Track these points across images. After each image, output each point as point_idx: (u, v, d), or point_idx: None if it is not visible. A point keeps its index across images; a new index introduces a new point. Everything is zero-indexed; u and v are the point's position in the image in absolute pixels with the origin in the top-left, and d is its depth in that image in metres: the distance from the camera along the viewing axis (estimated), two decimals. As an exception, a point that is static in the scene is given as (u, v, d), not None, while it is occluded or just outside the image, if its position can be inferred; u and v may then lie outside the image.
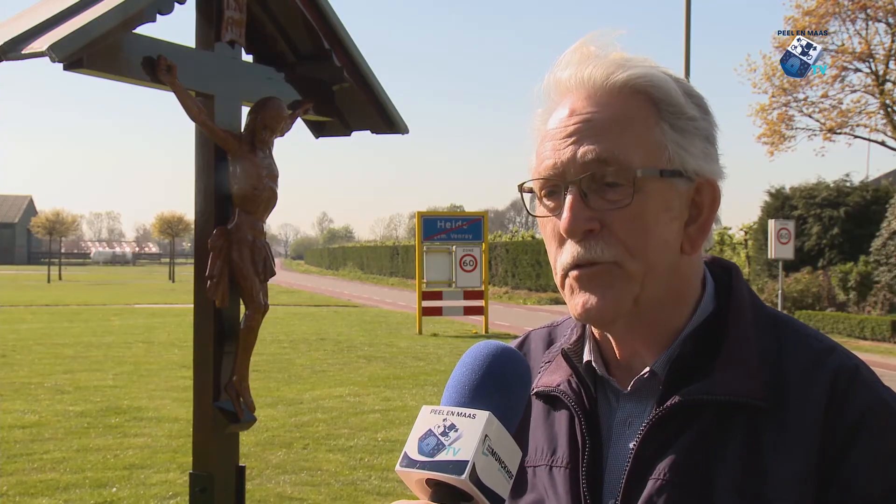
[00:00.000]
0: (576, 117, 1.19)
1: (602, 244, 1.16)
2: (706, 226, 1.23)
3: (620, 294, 1.17)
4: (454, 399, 1.07)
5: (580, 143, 1.17)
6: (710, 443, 1.14)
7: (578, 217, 1.16)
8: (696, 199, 1.22)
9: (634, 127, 1.18)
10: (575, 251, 1.18)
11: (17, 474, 7.55)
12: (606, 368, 1.28)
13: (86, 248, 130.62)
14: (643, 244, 1.17)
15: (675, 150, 1.18)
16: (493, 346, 1.12)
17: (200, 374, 3.86)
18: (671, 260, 1.20)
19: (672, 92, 1.20)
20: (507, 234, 52.01)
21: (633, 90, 1.19)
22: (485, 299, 20.87)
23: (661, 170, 1.17)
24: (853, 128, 29.11)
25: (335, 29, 4.19)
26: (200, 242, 3.81)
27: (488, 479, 1.00)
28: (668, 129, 1.19)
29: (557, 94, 1.24)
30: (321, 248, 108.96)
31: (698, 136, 1.21)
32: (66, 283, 48.29)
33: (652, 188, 1.17)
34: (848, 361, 1.17)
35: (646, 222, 1.17)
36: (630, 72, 1.19)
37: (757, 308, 1.25)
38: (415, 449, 1.02)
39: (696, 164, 1.20)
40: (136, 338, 18.66)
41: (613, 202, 1.16)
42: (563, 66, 1.23)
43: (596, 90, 1.20)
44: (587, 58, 1.22)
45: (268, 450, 8.48)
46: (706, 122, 1.23)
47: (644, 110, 1.19)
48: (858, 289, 22.29)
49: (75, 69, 3.25)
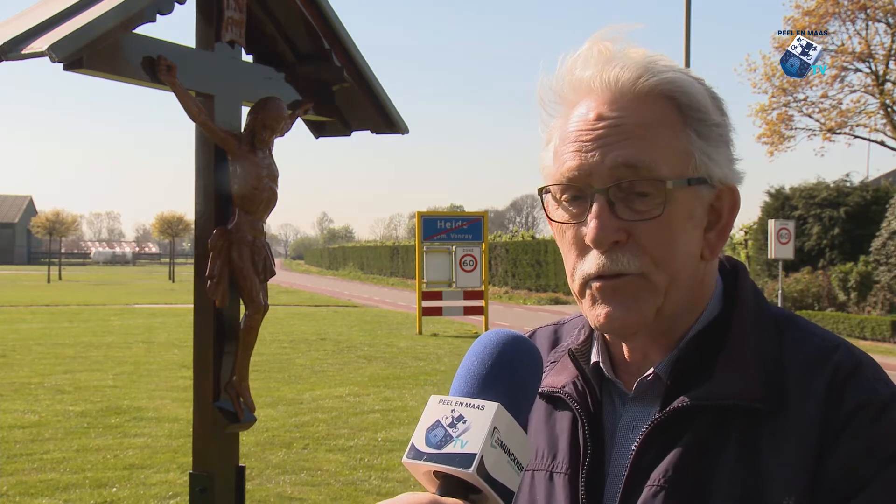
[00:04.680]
0: (604, 121, 1.15)
1: (629, 256, 1.14)
2: (725, 231, 1.21)
3: (645, 307, 1.15)
4: (463, 389, 1.04)
5: (608, 149, 1.14)
6: (706, 447, 1.13)
7: (606, 227, 1.12)
8: (716, 204, 1.20)
9: (663, 134, 1.15)
10: (600, 262, 1.14)
11: (17, 474, 7.55)
12: (614, 370, 1.26)
13: (86, 248, 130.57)
14: (670, 255, 1.14)
15: (700, 158, 1.16)
16: (503, 334, 1.08)
17: (200, 374, 3.86)
18: (692, 268, 1.18)
19: (700, 98, 1.17)
20: (507, 234, 52.04)
21: (661, 95, 1.16)
22: (485, 299, 20.85)
23: (689, 178, 1.15)
24: (853, 128, 29.13)
25: (335, 29, 4.19)
26: (200, 242, 3.80)
27: (497, 472, 0.97)
28: (694, 137, 1.16)
29: (576, 94, 1.20)
30: (321, 249, 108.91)
31: (722, 142, 1.19)
32: (66, 283, 48.27)
33: (679, 197, 1.14)
34: (850, 358, 1.14)
35: (673, 233, 1.14)
36: (660, 77, 1.16)
37: (761, 308, 1.23)
38: (422, 440, 0.99)
39: (721, 171, 1.18)
40: (136, 338, 18.66)
41: (642, 213, 1.13)
42: (581, 65, 1.19)
43: (623, 93, 1.16)
44: (609, 57, 1.18)
45: (268, 450, 8.47)
46: (727, 127, 1.20)
47: (672, 117, 1.16)
48: (858, 289, 22.28)
49: (75, 69, 3.25)
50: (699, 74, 1.21)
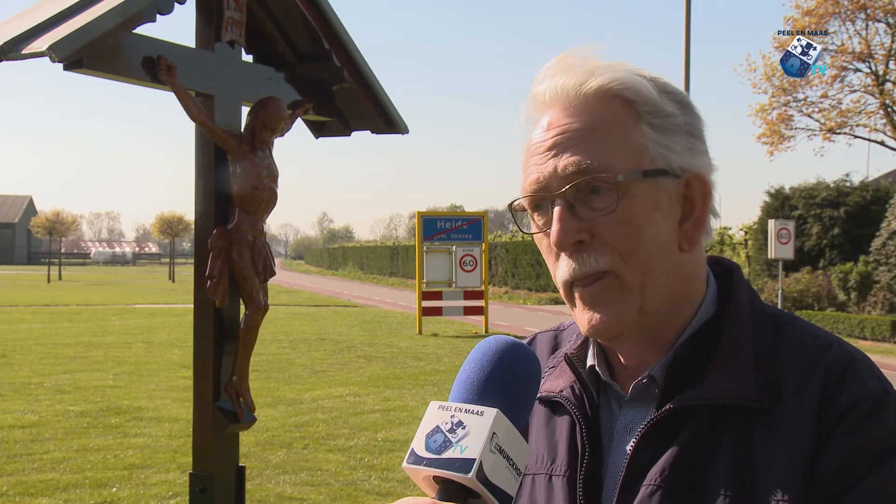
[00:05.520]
0: (554, 130, 1.19)
1: (595, 254, 1.16)
2: (701, 220, 1.22)
3: (622, 308, 1.17)
4: (462, 395, 1.06)
5: (560, 156, 1.17)
6: (702, 447, 1.14)
7: (567, 229, 1.16)
8: (688, 194, 1.21)
9: (612, 132, 1.17)
10: (570, 265, 1.18)
11: (17, 474, 7.55)
12: (610, 373, 1.28)
13: (86, 248, 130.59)
14: (635, 247, 1.16)
15: (656, 150, 1.18)
16: (502, 341, 1.10)
17: (200, 374, 3.86)
18: (670, 260, 1.19)
19: (646, 91, 1.19)
20: (507, 234, 51.99)
21: (606, 95, 1.18)
22: (485, 299, 20.86)
23: (644, 170, 1.17)
24: (853, 128, 29.13)
25: (335, 29, 4.19)
26: (200, 242, 3.81)
27: (496, 478, 0.99)
28: (647, 129, 1.18)
29: (536, 110, 1.24)
30: (321, 248, 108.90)
31: (679, 132, 1.20)
32: (66, 283, 48.28)
33: (637, 190, 1.16)
34: (843, 356, 1.15)
35: (635, 225, 1.16)
36: (601, 77, 1.19)
37: (755, 309, 1.24)
38: (422, 445, 1.01)
39: (680, 160, 1.19)
40: (136, 338, 18.66)
41: (600, 209, 1.16)
42: (539, 81, 1.24)
43: (570, 100, 1.19)
44: (562, 70, 1.22)
45: (268, 450, 8.48)
46: (687, 117, 1.22)
47: (621, 114, 1.18)
48: (858, 289, 22.28)
49: (75, 69, 3.25)
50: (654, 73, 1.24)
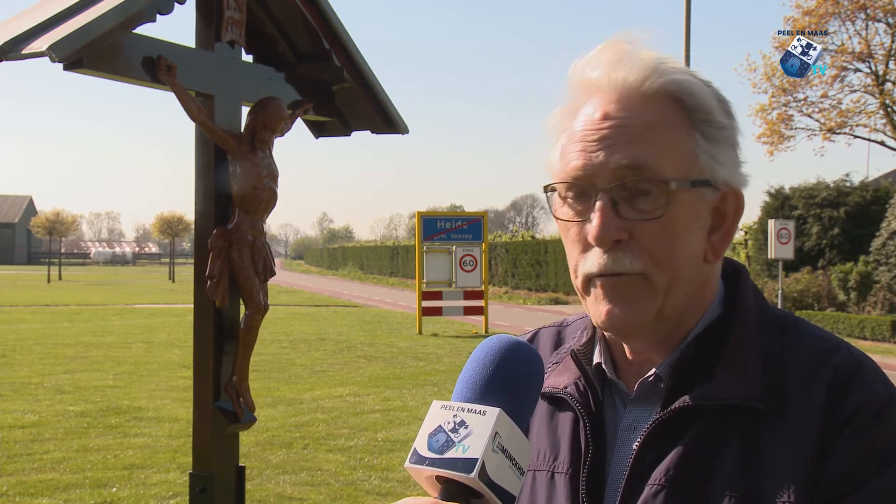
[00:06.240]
0: (609, 121, 1.16)
1: (630, 255, 1.14)
2: (730, 234, 1.21)
3: (645, 307, 1.16)
4: (465, 395, 1.05)
5: (613, 149, 1.14)
6: (707, 447, 1.13)
7: (609, 226, 1.13)
8: (720, 207, 1.20)
9: (668, 135, 1.15)
10: (601, 260, 1.16)
11: (17, 474, 7.55)
12: (615, 371, 1.27)
13: (86, 248, 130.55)
14: (672, 256, 1.15)
15: (706, 160, 1.17)
16: (505, 340, 1.10)
17: (200, 374, 3.86)
18: (696, 269, 1.19)
19: (706, 100, 1.17)
20: (507, 234, 52.03)
21: (667, 97, 1.16)
22: (485, 299, 20.86)
23: (693, 179, 1.15)
24: (853, 128, 29.13)
25: (335, 29, 4.19)
26: (200, 242, 3.81)
27: (498, 477, 0.99)
28: (700, 139, 1.17)
29: (584, 94, 1.20)
30: (321, 248, 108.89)
31: (727, 144, 1.19)
32: (66, 283, 48.27)
33: (682, 198, 1.15)
34: (850, 359, 1.15)
35: (675, 233, 1.15)
36: (666, 78, 1.16)
37: (762, 310, 1.24)
38: (424, 445, 1.01)
39: (726, 173, 1.18)
40: (136, 338, 18.66)
41: (645, 213, 1.14)
42: (592, 66, 1.20)
43: (630, 94, 1.16)
44: (619, 58, 1.18)
45: (268, 450, 8.47)
46: (733, 130, 1.21)
47: (678, 118, 1.16)
48: (858, 289, 22.27)
49: (75, 69, 3.25)
50: (707, 77, 1.21)
